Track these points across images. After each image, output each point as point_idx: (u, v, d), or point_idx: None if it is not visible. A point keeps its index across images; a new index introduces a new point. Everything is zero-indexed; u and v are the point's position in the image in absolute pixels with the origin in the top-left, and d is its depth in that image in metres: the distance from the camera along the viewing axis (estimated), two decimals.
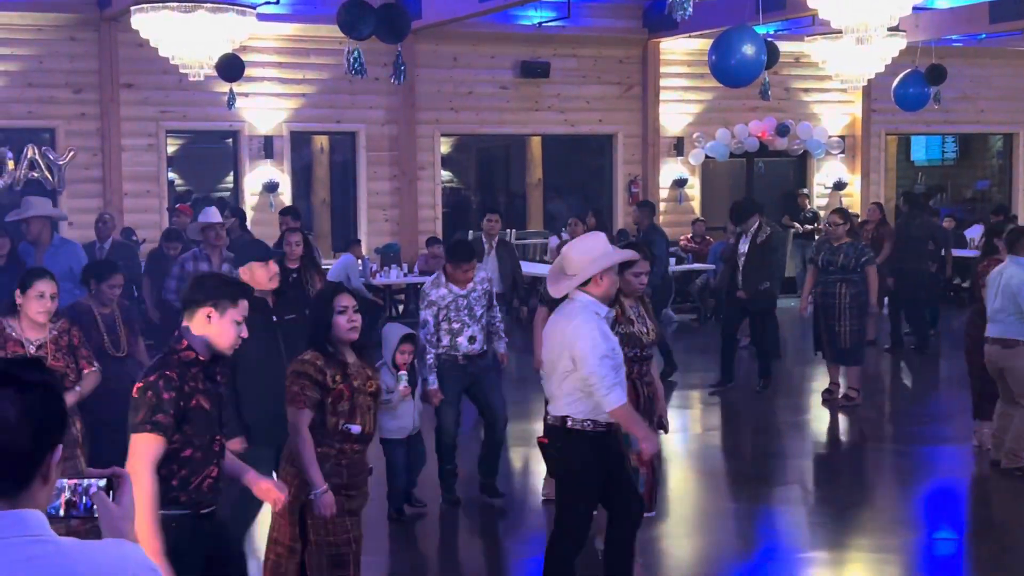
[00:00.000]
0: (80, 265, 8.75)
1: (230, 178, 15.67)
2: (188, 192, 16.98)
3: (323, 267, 12.14)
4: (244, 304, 4.11)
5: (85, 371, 5.88)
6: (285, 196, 15.13)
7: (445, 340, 7.32)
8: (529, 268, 15.90)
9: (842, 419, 10.09)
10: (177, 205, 13.79)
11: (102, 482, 2.12)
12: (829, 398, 10.41)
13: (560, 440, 5.10)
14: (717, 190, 17.95)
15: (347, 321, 4.76)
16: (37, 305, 5.56)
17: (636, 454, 5.40)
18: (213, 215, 9.16)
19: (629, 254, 5.53)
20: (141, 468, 3.80)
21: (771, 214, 17.77)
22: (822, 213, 17.51)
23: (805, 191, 17.93)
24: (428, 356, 7.17)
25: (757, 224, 10.79)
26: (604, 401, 4.91)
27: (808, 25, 14.06)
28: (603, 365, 4.90)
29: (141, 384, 3.90)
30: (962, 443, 9.05)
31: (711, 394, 10.90)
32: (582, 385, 4.96)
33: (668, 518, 7.41)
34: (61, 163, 13.64)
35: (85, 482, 2.10)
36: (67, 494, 2.09)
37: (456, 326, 7.31)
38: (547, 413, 5.27)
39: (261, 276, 5.80)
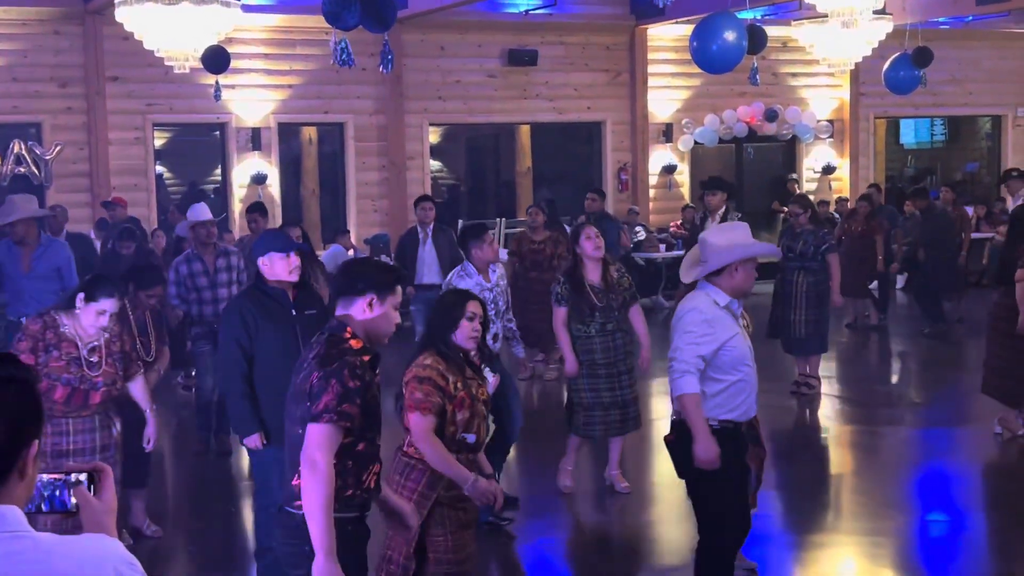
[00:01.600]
0: (68, 264, 8.65)
1: (218, 171, 15.63)
2: (192, 187, 16.94)
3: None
4: (399, 291, 3.94)
5: (137, 372, 5.79)
6: (274, 188, 15.10)
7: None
8: None
9: (827, 404, 10.10)
10: (112, 197, 13.35)
11: (83, 476, 2.11)
12: (795, 390, 10.12)
13: (686, 434, 4.86)
14: (706, 176, 17.89)
15: (472, 329, 4.58)
16: (95, 320, 5.43)
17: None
18: (203, 212, 8.81)
19: (769, 248, 5.35)
20: (321, 459, 3.60)
21: (761, 199, 17.87)
22: (812, 198, 17.52)
23: (794, 176, 17.94)
24: None
25: (724, 208, 10.52)
26: (674, 384, 4.79)
27: (795, 9, 14.05)
28: (687, 350, 4.74)
29: (319, 373, 3.66)
30: (955, 426, 9.07)
31: None
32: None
33: (660, 504, 7.42)
34: (48, 158, 13.61)
35: (64, 477, 2.09)
36: (45, 490, 2.07)
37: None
38: (675, 411, 5.05)
39: (281, 268, 5.62)
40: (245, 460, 8.58)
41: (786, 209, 16.82)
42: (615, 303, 7.18)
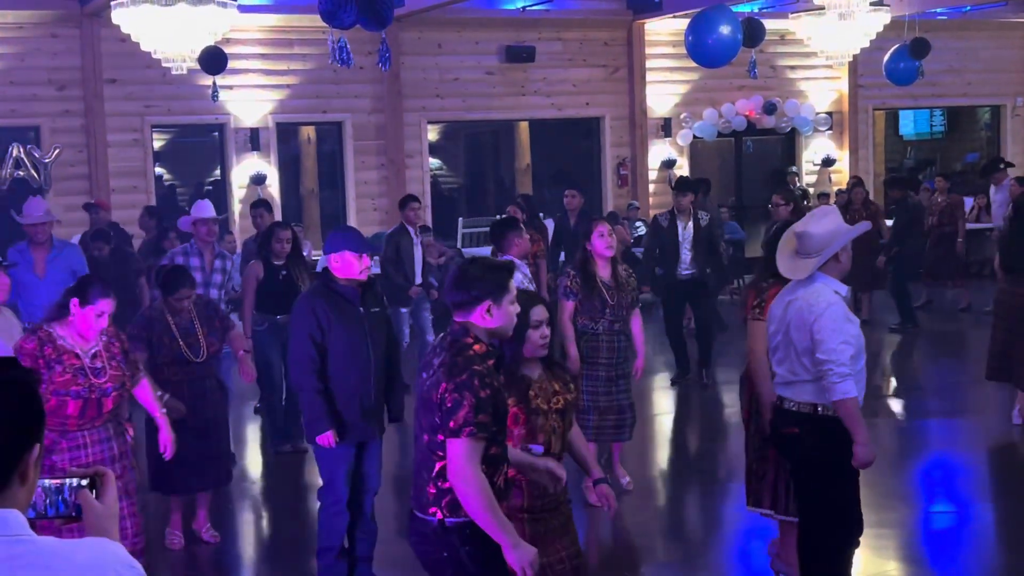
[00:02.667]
0: (83, 268, 8.51)
1: (218, 171, 15.62)
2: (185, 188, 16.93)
3: (311, 259, 12.14)
4: (514, 283, 3.87)
5: (137, 377, 5.60)
6: (273, 188, 15.09)
7: None
8: None
9: None
10: (94, 200, 13.16)
11: (84, 481, 2.10)
12: None
13: (816, 428, 4.78)
14: (706, 170, 17.90)
15: (540, 336, 4.35)
16: (94, 324, 5.18)
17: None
18: (206, 209, 8.77)
19: (865, 225, 5.22)
20: (470, 472, 3.59)
21: (760, 192, 17.83)
22: (812, 190, 17.52)
23: (794, 169, 17.92)
24: None
25: (692, 209, 10.20)
26: (832, 389, 4.65)
27: (792, 2, 14.04)
28: (842, 351, 4.65)
29: (449, 385, 3.62)
30: (958, 416, 9.05)
31: (671, 385, 10.58)
32: (813, 368, 4.73)
33: (661, 498, 7.41)
34: (47, 161, 13.59)
35: (66, 482, 2.08)
36: (49, 495, 2.07)
37: None
38: (780, 400, 4.95)
39: (353, 267, 5.56)
40: (260, 461, 8.58)
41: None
42: (624, 302, 7.07)
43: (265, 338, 8.54)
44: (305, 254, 9.77)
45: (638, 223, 15.94)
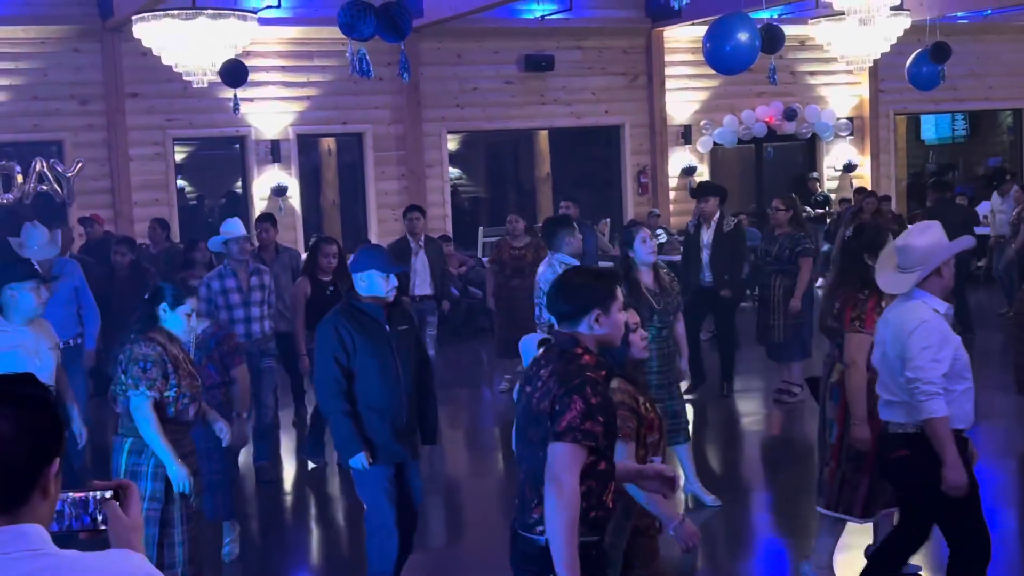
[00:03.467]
0: (83, 282, 8.35)
1: (239, 183, 15.68)
2: (200, 197, 17.02)
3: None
4: (620, 293, 3.75)
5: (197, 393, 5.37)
6: (294, 199, 15.14)
7: None
8: None
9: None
10: (90, 214, 12.96)
11: (108, 493, 2.11)
12: (778, 398, 9.85)
13: (922, 451, 4.67)
14: (727, 177, 17.87)
15: (641, 338, 4.29)
16: (186, 325, 5.21)
17: None
18: (238, 227, 8.42)
19: (969, 240, 5.11)
20: (567, 479, 3.43)
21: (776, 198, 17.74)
22: (833, 196, 17.47)
23: (815, 175, 17.87)
24: None
25: (719, 213, 10.13)
26: (921, 407, 4.56)
27: (811, 8, 13.99)
28: (931, 369, 4.55)
29: (560, 390, 3.49)
30: (976, 422, 8.95)
31: (688, 394, 10.50)
32: (906, 385, 4.62)
33: (694, 513, 7.38)
34: (69, 175, 13.65)
35: (91, 494, 2.09)
36: (74, 508, 2.08)
37: None
38: (886, 424, 4.85)
39: (380, 287, 5.48)
40: (290, 482, 8.58)
41: (808, 208, 16.84)
42: (671, 307, 6.98)
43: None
44: None
45: (659, 231, 15.90)
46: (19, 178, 13.34)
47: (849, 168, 18.06)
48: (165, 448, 4.98)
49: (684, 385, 7.91)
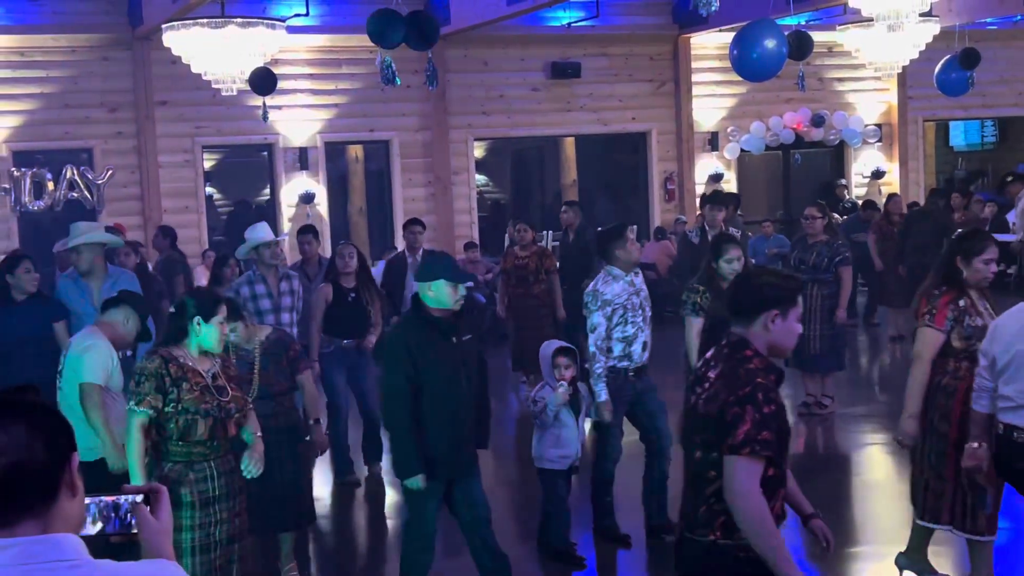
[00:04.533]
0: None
1: (267, 191, 15.76)
2: (229, 204, 17.09)
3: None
4: (801, 301, 3.63)
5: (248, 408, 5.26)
6: (322, 207, 15.20)
7: (617, 349, 6.52)
8: None
9: (858, 418, 9.96)
10: (113, 223, 12.48)
11: (139, 498, 2.12)
12: (806, 411, 9.64)
13: None
14: (754, 184, 17.84)
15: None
16: (221, 337, 4.99)
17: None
18: (266, 231, 8.14)
19: None
20: (751, 491, 3.36)
21: (809, 206, 17.68)
22: (860, 202, 17.37)
23: (843, 182, 17.78)
24: (597, 366, 6.44)
25: (722, 224, 9.95)
26: None
27: (840, 14, 13.95)
28: None
29: (730, 398, 3.41)
30: None
31: None
32: None
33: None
34: (100, 182, 13.79)
35: (121, 498, 2.11)
36: (104, 512, 2.09)
37: (631, 330, 6.52)
38: (1009, 431, 4.74)
39: (449, 296, 5.30)
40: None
41: (836, 215, 16.75)
42: None
43: (331, 362, 8.27)
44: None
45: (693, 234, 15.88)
46: (50, 185, 13.49)
47: (877, 175, 17.97)
48: (136, 469, 4.77)
49: None
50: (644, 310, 6.57)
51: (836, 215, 16.75)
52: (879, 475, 8.46)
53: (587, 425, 6.63)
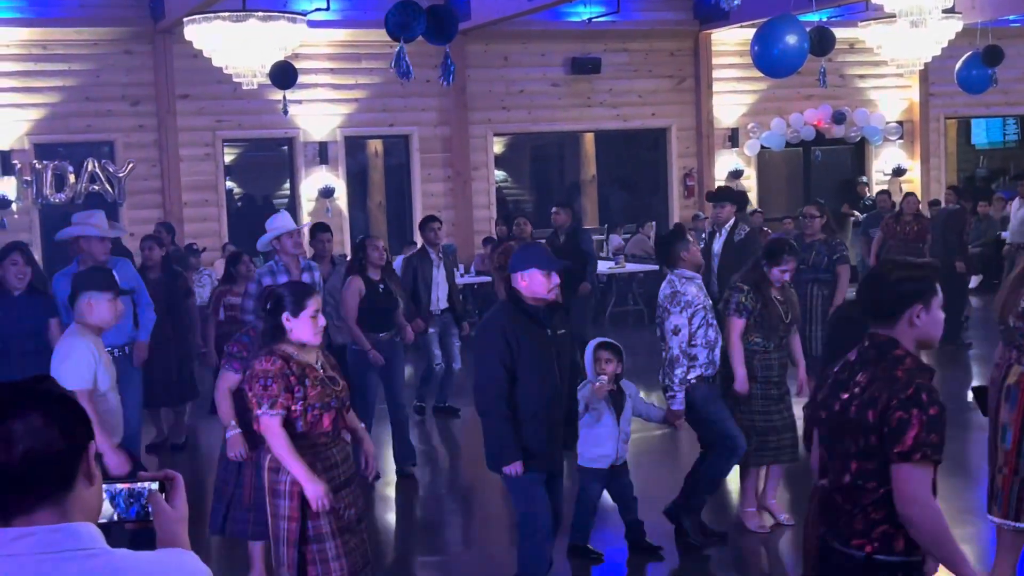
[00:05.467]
0: (140, 283, 7.80)
1: (287, 185, 15.81)
2: (245, 197, 17.15)
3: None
4: (939, 287, 3.46)
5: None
6: (341, 201, 15.24)
7: (702, 356, 6.35)
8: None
9: None
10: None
11: (154, 485, 2.14)
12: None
13: None
14: (774, 181, 17.79)
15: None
16: (314, 328, 4.81)
17: None
18: (288, 220, 7.98)
19: None
20: (926, 499, 3.23)
21: (830, 203, 17.66)
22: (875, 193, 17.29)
23: (864, 179, 17.71)
24: (679, 370, 6.28)
25: (733, 221, 9.72)
26: None
27: (862, 10, 13.88)
28: None
29: (892, 402, 3.25)
30: None
31: None
32: None
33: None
34: (121, 175, 13.86)
35: (137, 486, 2.12)
36: (120, 499, 2.10)
37: (712, 335, 6.37)
38: None
39: (541, 286, 5.17)
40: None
41: (856, 212, 16.69)
42: (795, 318, 6.86)
43: (364, 358, 8.03)
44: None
45: (704, 234, 15.85)
46: (71, 178, 13.56)
47: (898, 172, 17.89)
48: (297, 465, 4.65)
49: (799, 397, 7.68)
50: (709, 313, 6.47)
51: (856, 212, 16.71)
52: None
53: (628, 427, 6.42)
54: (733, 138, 17.08)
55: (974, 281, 15.15)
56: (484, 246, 14.38)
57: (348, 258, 10.45)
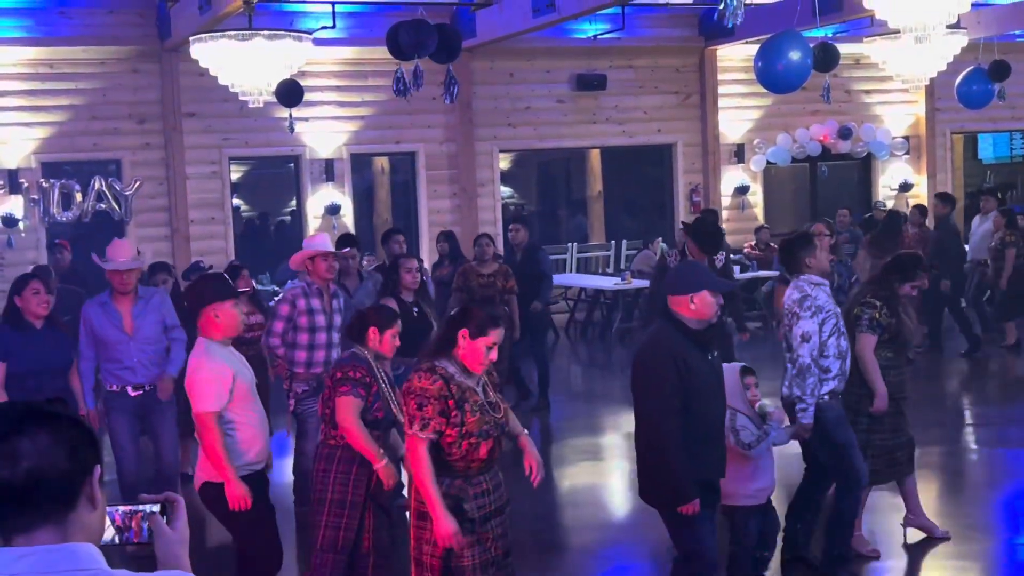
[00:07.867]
0: (171, 310, 7.32)
1: (293, 202, 15.83)
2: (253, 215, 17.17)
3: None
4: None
5: None
6: (347, 218, 15.25)
7: (835, 367, 5.98)
8: (600, 281, 15.85)
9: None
10: (56, 240, 12.53)
11: (156, 507, 2.14)
12: None
13: None
14: (780, 196, 17.78)
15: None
16: (485, 357, 4.61)
17: None
18: (324, 242, 7.74)
19: None
20: None
21: (836, 219, 17.62)
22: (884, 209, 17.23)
23: (883, 205, 17.40)
24: (811, 380, 5.88)
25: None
26: None
27: (866, 26, 13.89)
28: None
29: None
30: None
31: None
32: None
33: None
34: (128, 194, 13.89)
35: (139, 507, 2.12)
36: (119, 521, 2.10)
37: (844, 344, 6.02)
38: None
39: (711, 308, 4.90)
40: None
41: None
42: (917, 333, 6.87)
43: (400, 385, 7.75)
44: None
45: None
46: (78, 196, 13.60)
47: (905, 187, 17.87)
48: (434, 498, 4.48)
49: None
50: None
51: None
52: (935, 484, 8.39)
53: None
54: (739, 154, 17.08)
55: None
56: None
57: (370, 268, 10.39)
